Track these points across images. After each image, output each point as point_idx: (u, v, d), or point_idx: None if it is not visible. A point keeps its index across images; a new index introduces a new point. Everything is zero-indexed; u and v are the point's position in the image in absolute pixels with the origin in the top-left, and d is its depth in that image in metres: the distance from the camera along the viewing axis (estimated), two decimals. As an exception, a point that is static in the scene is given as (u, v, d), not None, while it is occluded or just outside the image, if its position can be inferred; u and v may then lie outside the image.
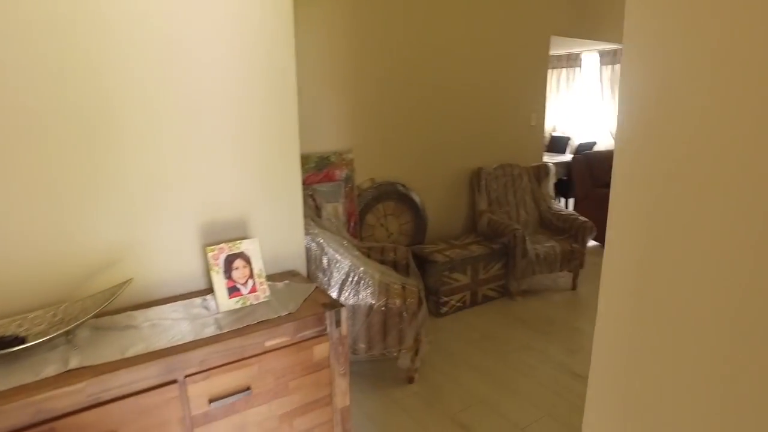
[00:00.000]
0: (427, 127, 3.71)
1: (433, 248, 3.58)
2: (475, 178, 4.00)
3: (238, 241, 1.60)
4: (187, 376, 1.31)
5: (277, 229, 1.89)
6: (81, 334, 1.38)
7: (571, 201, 5.71)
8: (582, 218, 3.87)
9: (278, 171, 1.84)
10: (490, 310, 3.57)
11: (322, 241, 2.26)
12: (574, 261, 3.82)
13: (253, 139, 1.77)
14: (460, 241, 3.76)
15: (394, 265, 2.99)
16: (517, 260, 3.60)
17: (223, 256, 1.56)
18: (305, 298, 1.66)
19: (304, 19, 2.92)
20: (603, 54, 7.15)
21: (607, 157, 5.28)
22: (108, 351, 1.28)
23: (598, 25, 4.82)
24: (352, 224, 3.27)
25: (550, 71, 7.73)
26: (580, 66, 7.46)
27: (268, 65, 1.75)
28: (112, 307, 1.57)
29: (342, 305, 1.62)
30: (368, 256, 2.93)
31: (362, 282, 2.34)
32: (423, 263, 3.42)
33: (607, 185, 5.19)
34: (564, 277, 3.92)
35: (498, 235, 3.70)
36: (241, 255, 1.60)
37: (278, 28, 1.74)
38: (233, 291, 1.57)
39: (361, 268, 2.34)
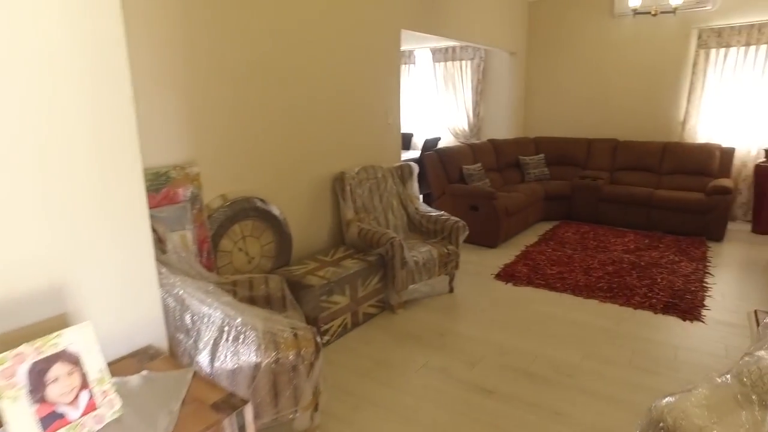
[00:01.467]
0: (283, 130, 3.18)
1: (303, 269, 3.07)
2: (338, 184, 3.59)
3: (52, 335, 0.94)
4: None
5: (119, 292, 1.24)
6: None
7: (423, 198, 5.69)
8: (453, 218, 3.74)
9: (112, 204, 1.19)
10: (374, 329, 3.20)
11: (181, 292, 1.62)
12: (451, 263, 3.67)
13: (69, 162, 1.09)
14: (331, 257, 3.33)
15: (267, 300, 2.43)
16: (397, 271, 3.30)
17: (23, 369, 0.89)
18: (182, 398, 1.07)
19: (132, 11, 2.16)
20: (435, 51, 7.34)
21: (458, 153, 5.34)
22: None
23: (444, 21, 4.79)
24: (204, 254, 2.59)
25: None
26: (414, 63, 7.57)
27: (89, 63, 1.10)
28: None
29: (245, 401, 1.07)
30: (234, 295, 2.32)
31: (241, 337, 1.75)
32: (296, 289, 2.90)
33: (461, 180, 5.25)
34: (440, 281, 3.75)
35: (372, 245, 3.36)
36: (62, 356, 0.94)
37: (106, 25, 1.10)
38: (51, 422, 0.91)
39: (238, 319, 1.75)
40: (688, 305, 3.44)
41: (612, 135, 6.36)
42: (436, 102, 7.63)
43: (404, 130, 7.99)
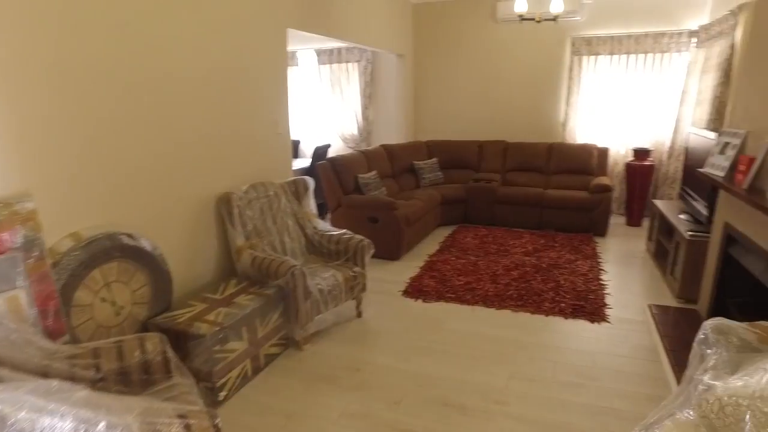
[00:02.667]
0: (152, 147, 2.61)
1: (189, 314, 2.55)
2: (224, 207, 3.08)
3: None
4: None
5: None
6: None
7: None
8: (357, 237, 3.42)
9: None
10: (279, 373, 2.77)
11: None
12: (358, 287, 3.34)
13: None
14: (221, 293, 2.83)
15: (145, 369, 1.91)
16: (300, 303, 2.89)
17: None
18: None
19: None
20: (320, 53, 6.97)
21: (352, 161, 5.03)
22: None
23: (331, 21, 4.45)
24: (51, 315, 1.97)
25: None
26: (297, 65, 7.11)
27: None
28: None
29: None
30: (96, 370, 1.77)
31: (106, 447, 1.26)
32: (182, 342, 2.38)
33: (357, 190, 4.95)
34: (347, 306, 3.42)
35: (269, 276, 2.91)
36: None
37: None
38: None
39: (101, 424, 1.25)
40: (593, 306, 3.49)
41: (501, 137, 6.51)
42: (323, 106, 7.27)
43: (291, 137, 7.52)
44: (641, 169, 5.47)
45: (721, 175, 2.89)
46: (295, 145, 6.89)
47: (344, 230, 3.54)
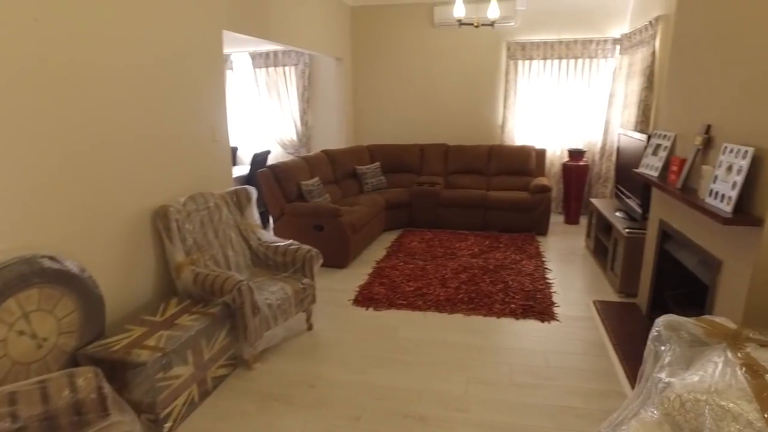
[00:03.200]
0: (76, 158, 2.36)
1: (126, 340, 2.32)
2: (161, 221, 2.86)
3: None
4: None
5: None
6: None
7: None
8: (305, 247, 3.29)
9: None
10: (229, 395, 2.60)
11: None
12: (307, 299, 3.22)
13: None
14: (161, 315, 2.61)
15: (77, 410, 1.70)
16: (248, 320, 2.73)
17: None
18: None
19: None
20: (255, 56, 6.73)
21: (294, 168, 4.88)
22: None
23: (268, 23, 4.28)
24: (-41, 355, 1.72)
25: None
26: (231, 69, 6.84)
27: None
28: None
29: None
30: (13, 420, 1.55)
31: None
32: (119, 372, 2.16)
33: (300, 198, 4.81)
34: (297, 319, 3.28)
35: (213, 293, 2.73)
36: None
37: None
38: None
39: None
40: (541, 305, 3.56)
41: (442, 140, 6.58)
42: (260, 111, 7.04)
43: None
44: (577, 169, 5.70)
45: (655, 175, 3.03)
46: (233, 151, 6.63)
47: (290, 241, 3.40)
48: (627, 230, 3.64)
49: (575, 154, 5.76)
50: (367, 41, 6.63)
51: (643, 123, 4.71)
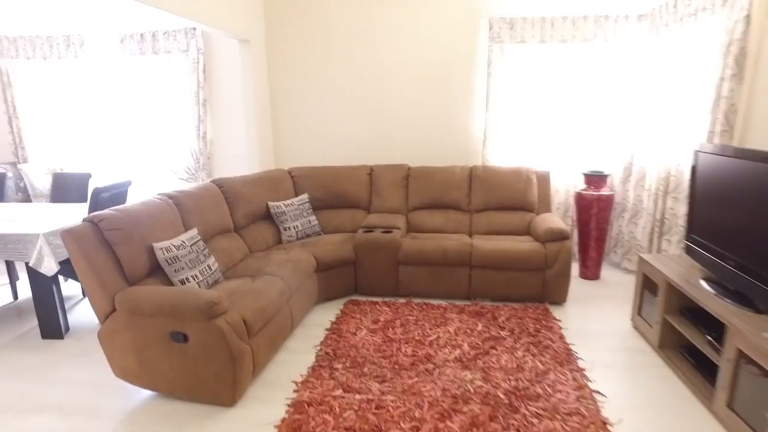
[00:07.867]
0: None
1: None
2: None
3: None
4: None
5: None
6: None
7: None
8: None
9: None
10: None
11: None
12: None
13: None
14: None
15: None
16: None
17: None
18: None
19: None
20: (124, 39, 4.53)
21: (147, 217, 2.72)
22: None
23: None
24: None
25: None
26: (76, 55, 4.62)
27: None
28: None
29: None
30: None
31: None
32: None
33: (156, 272, 2.67)
34: None
35: None
36: None
37: None
38: None
39: None
40: None
41: (400, 159, 4.63)
42: (127, 118, 4.85)
43: (77, 168, 5.04)
44: (598, 202, 3.89)
45: None
46: (83, 181, 4.35)
47: None
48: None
49: (594, 179, 3.94)
50: (285, 16, 4.59)
51: (726, 133, 2.94)
